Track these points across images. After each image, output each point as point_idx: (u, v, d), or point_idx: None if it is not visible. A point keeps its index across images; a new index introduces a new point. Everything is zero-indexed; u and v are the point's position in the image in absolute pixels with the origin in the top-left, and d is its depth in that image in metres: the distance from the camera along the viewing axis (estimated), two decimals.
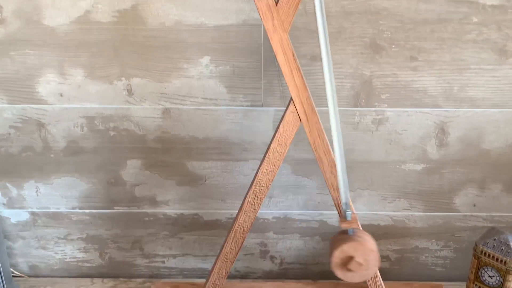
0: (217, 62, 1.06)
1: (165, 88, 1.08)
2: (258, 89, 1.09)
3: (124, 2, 1.00)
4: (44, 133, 1.12)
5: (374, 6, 1.01)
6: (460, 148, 1.13)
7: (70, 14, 1.01)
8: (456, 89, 1.08)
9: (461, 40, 1.04)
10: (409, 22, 1.02)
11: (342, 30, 1.03)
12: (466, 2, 1.00)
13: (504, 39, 1.03)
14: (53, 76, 1.07)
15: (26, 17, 1.01)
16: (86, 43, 1.04)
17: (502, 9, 1.01)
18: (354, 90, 1.09)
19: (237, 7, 1.01)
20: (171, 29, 1.03)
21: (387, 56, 1.06)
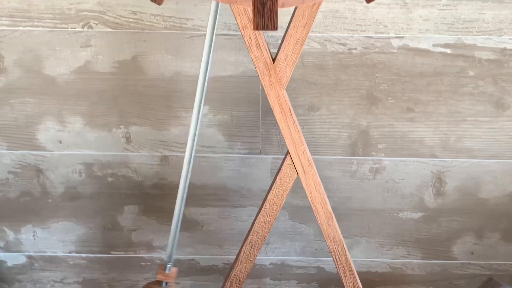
0: (215, 111, 1.07)
1: (164, 136, 1.09)
2: (256, 137, 1.10)
3: (124, 53, 1.02)
4: (42, 179, 1.12)
5: (370, 59, 1.02)
6: (458, 197, 1.14)
7: (70, 64, 1.03)
8: (453, 140, 1.09)
9: (458, 93, 1.05)
10: (405, 75, 1.04)
11: (339, 82, 1.05)
12: (462, 56, 1.02)
13: (500, 92, 1.04)
14: (53, 123, 1.08)
15: (27, 67, 1.03)
16: (86, 92, 1.05)
17: (498, 63, 1.02)
18: (351, 140, 1.09)
19: (236, 59, 1.03)
20: (170, 79, 1.04)
21: (383, 107, 1.06)
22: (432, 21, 0.99)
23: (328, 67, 1.03)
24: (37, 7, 0.98)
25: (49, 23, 0.99)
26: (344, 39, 1.01)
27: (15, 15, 0.99)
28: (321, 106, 1.07)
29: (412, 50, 1.01)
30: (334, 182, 1.13)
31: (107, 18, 0.99)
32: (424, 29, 1.00)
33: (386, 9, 0.98)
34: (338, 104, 1.07)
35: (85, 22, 0.99)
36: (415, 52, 1.02)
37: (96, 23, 0.99)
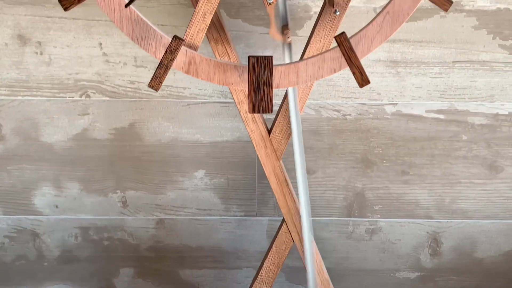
0: (211, 175, 1.08)
1: (160, 200, 1.10)
2: (252, 200, 1.10)
3: (121, 121, 1.03)
4: (38, 243, 1.12)
5: (364, 125, 1.04)
6: (454, 257, 1.14)
7: (68, 131, 1.04)
8: (448, 201, 1.10)
9: (451, 156, 1.06)
10: (399, 140, 1.05)
11: (334, 146, 1.06)
12: (455, 122, 1.03)
13: (494, 155, 1.06)
14: (49, 189, 1.08)
15: (24, 134, 1.04)
16: (83, 158, 1.06)
17: (491, 128, 1.03)
18: (347, 201, 1.10)
19: (232, 125, 1.04)
20: (167, 145, 1.05)
21: (378, 170, 1.07)
22: (425, 89, 1.01)
23: (323, 132, 1.05)
24: (36, 78, 0.99)
25: (47, 93, 1.00)
26: (339, 106, 1.03)
27: (14, 85, 1.00)
28: (317, 169, 1.08)
29: (405, 116, 1.03)
30: (331, 243, 1.13)
31: (105, 88, 1.00)
32: (417, 96, 1.01)
33: (380, 78, 1.00)
34: (333, 167, 1.08)
35: (83, 91, 1.00)
36: (408, 118, 1.03)
37: (94, 92, 1.00)
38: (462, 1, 0.94)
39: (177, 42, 0.68)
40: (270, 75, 0.70)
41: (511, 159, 1.06)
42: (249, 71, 0.70)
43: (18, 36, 0.96)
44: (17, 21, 0.95)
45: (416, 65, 0.99)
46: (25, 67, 0.98)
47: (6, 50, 0.97)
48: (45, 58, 0.98)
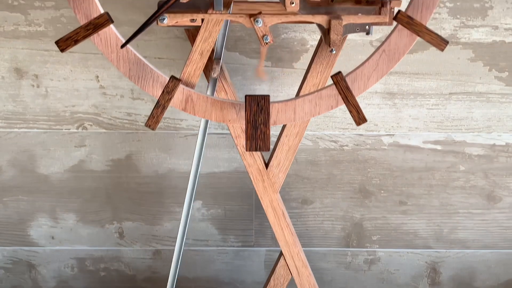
0: (208, 205, 1.07)
1: (157, 231, 1.09)
2: (249, 230, 1.10)
3: (118, 152, 1.03)
4: (34, 274, 1.11)
5: (361, 155, 1.04)
6: (453, 286, 1.13)
7: (64, 163, 1.03)
8: (446, 231, 1.09)
9: (449, 187, 1.06)
10: (397, 170, 1.05)
11: (332, 176, 1.05)
12: (452, 152, 1.03)
13: (491, 185, 1.05)
14: (45, 220, 1.07)
15: (20, 166, 1.03)
16: (79, 189, 1.05)
17: (488, 159, 1.03)
18: (345, 232, 1.09)
19: (229, 156, 1.04)
20: (164, 176, 1.05)
21: (376, 201, 1.07)
22: (422, 120, 1.01)
23: (321, 163, 1.04)
24: (32, 110, 0.99)
25: (44, 125, 1.00)
26: (336, 137, 1.03)
27: (11, 118, 1.00)
28: (315, 200, 1.07)
29: (402, 147, 1.03)
30: (329, 273, 1.12)
31: (101, 120, 1.00)
32: (414, 127, 1.01)
33: (376, 109, 1.00)
34: (331, 198, 1.07)
35: (80, 123, 1.00)
36: (405, 148, 1.03)
37: (91, 124, 1.00)
38: (458, 33, 0.95)
39: (174, 83, 0.68)
40: (267, 114, 0.70)
41: (508, 189, 1.06)
42: (246, 110, 0.70)
43: (15, 69, 0.96)
44: (14, 55, 0.95)
45: (413, 96, 0.99)
46: (21, 100, 0.98)
47: (2, 83, 0.97)
48: (42, 91, 0.98)
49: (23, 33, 0.93)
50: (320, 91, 0.72)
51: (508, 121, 1.01)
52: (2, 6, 0.91)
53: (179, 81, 0.69)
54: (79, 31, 0.65)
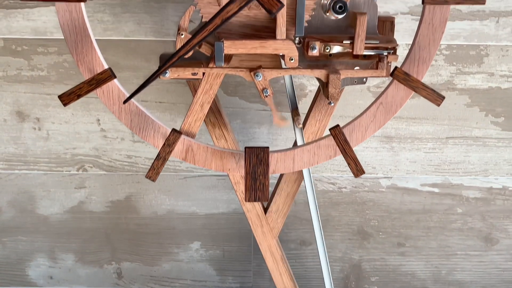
0: (207, 246, 1.08)
1: (155, 271, 1.09)
2: (248, 271, 1.10)
3: (117, 194, 1.03)
4: None
5: (360, 197, 1.04)
6: None
7: (64, 204, 1.04)
8: (444, 273, 1.09)
9: (447, 229, 1.06)
10: (395, 212, 1.05)
11: (330, 218, 1.06)
12: (450, 195, 1.04)
13: (488, 228, 1.06)
14: (44, 260, 1.07)
15: (20, 207, 1.04)
16: (78, 230, 1.05)
17: (485, 201, 1.04)
18: (343, 273, 1.10)
19: (228, 197, 1.04)
20: (163, 217, 1.05)
21: (375, 242, 1.07)
22: (419, 163, 1.02)
23: (319, 204, 1.05)
24: (33, 152, 1.00)
25: (44, 167, 1.01)
26: (334, 179, 1.03)
27: (11, 160, 1.00)
28: (313, 241, 1.08)
29: (400, 189, 1.04)
30: None
31: (102, 162, 1.01)
32: (411, 170, 1.02)
33: (374, 152, 1.01)
34: (329, 239, 1.07)
35: (80, 165, 1.01)
36: (403, 191, 1.04)
37: (91, 166, 1.01)
38: (455, 80, 0.96)
39: (175, 136, 0.69)
40: (266, 166, 0.71)
41: (506, 231, 1.06)
42: (246, 162, 0.71)
43: (17, 113, 0.97)
44: (17, 98, 0.96)
45: (410, 140, 1.00)
46: (23, 142, 0.99)
47: (4, 125, 0.98)
48: (43, 134, 0.99)
49: (25, 77, 0.95)
50: (318, 142, 0.73)
51: (504, 165, 1.02)
52: (6, 51, 0.93)
53: (180, 134, 0.70)
54: (82, 86, 0.66)
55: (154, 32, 0.92)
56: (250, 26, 0.69)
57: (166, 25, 0.91)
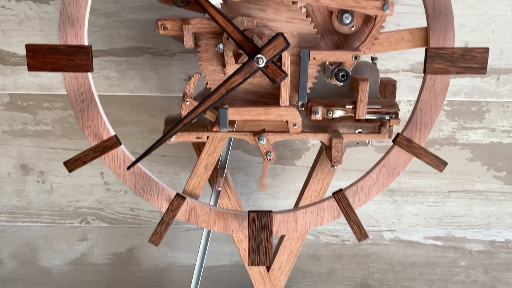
0: None
1: None
2: None
3: (120, 246, 1.03)
4: None
5: (363, 250, 1.04)
6: None
7: (66, 256, 1.03)
8: None
9: (450, 281, 1.06)
10: (398, 265, 1.05)
11: (333, 271, 1.05)
12: (453, 248, 1.03)
13: (492, 280, 1.05)
14: None
15: (22, 259, 1.03)
16: (80, 282, 1.05)
17: (488, 254, 1.04)
18: None
19: (230, 249, 1.04)
20: (164, 269, 1.05)
21: None
22: (422, 216, 1.02)
23: (322, 257, 1.05)
24: (36, 205, 1.00)
25: (47, 219, 1.01)
26: (337, 232, 1.03)
27: (15, 212, 1.01)
28: None
29: (403, 242, 1.03)
30: None
31: (104, 214, 1.01)
32: (414, 223, 1.02)
33: (377, 206, 1.01)
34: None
35: (83, 218, 1.01)
36: (406, 244, 1.03)
37: (94, 218, 1.01)
38: (456, 135, 0.97)
39: (178, 201, 0.70)
40: (269, 230, 0.71)
41: (509, 284, 1.06)
42: (249, 226, 0.71)
43: (21, 166, 0.98)
44: (21, 152, 0.97)
45: (413, 194, 1.00)
46: (26, 195, 0.99)
47: (8, 178, 0.98)
48: (47, 187, 0.99)
49: (30, 131, 0.95)
50: (322, 203, 0.73)
51: (507, 218, 1.02)
52: (12, 106, 0.94)
53: (184, 198, 0.70)
54: (88, 153, 0.67)
55: (159, 88, 0.93)
56: (254, 93, 0.70)
57: (171, 81, 0.93)
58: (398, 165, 0.72)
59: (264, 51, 0.62)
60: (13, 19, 0.89)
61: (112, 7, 0.89)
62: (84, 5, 0.64)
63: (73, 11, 0.64)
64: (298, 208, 0.74)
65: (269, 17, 0.66)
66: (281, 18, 0.66)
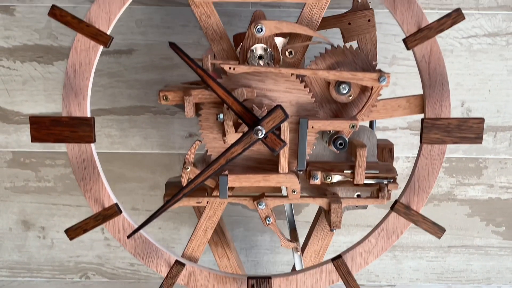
0: None
1: None
2: None
3: None
4: None
5: None
6: None
7: None
8: None
9: None
10: None
11: None
12: None
13: None
14: None
15: None
16: None
17: None
18: None
19: None
20: None
21: None
22: (422, 271, 1.02)
23: None
24: (37, 260, 1.00)
25: (47, 274, 1.01)
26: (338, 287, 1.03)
27: (15, 267, 1.01)
28: None
29: None
30: None
31: (105, 270, 1.01)
32: (414, 278, 1.02)
33: (377, 260, 1.01)
34: None
35: (83, 273, 1.01)
36: None
37: (94, 273, 1.01)
38: (455, 191, 0.97)
39: (178, 268, 0.70)
40: None
41: None
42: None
43: (22, 222, 0.98)
44: (23, 208, 0.98)
45: (413, 249, 1.01)
46: (27, 250, 1.00)
47: (10, 234, 0.99)
48: (48, 242, 0.99)
49: (32, 188, 0.96)
50: (321, 267, 0.74)
51: (507, 273, 1.02)
52: (14, 164, 0.95)
53: (183, 265, 0.71)
54: (89, 222, 0.68)
55: (160, 145, 0.94)
56: (253, 159, 0.71)
57: (172, 139, 0.94)
58: (397, 229, 0.73)
59: (263, 123, 0.63)
60: (18, 79, 0.91)
61: (114, 67, 0.90)
62: (87, 76, 0.66)
63: (77, 82, 0.66)
64: (297, 272, 0.75)
65: (268, 87, 0.67)
66: (280, 88, 0.68)
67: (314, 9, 0.67)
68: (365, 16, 0.75)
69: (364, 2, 0.75)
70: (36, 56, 0.90)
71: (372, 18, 0.75)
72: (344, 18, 0.76)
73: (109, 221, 0.70)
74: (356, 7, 0.75)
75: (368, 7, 0.75)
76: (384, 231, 0.73)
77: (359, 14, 0.75)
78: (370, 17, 0.75)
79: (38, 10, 0.88)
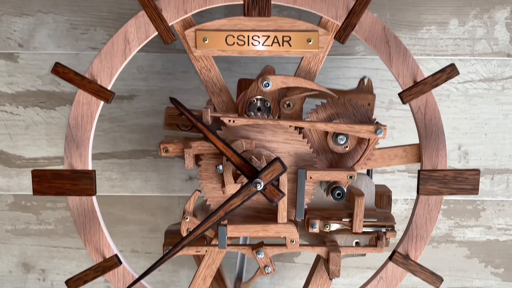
0: None
1: None
2: None
3: None
4: None
5: None
6: None
7: None
8: None
9: None
10: None
11: None
12: None
13: None
14: None
15: None
16: None
17: None
18: None
19: None
20: None
21: None
22: None
23: None
24: None
25: None
26: None
27: None
28: None
29: None
30: None
31: None
32: None
33: None
34: None
35: None
36: None
37: None
38: (453, 233, 0.98)
39: None
40: None
41: None
42: None
43: (22, 264, 0.99)
44: (23, 250, 0.98)
45: None
46: None
47: (9, 276, 0.99)
48: (47, 284, 0.99)
49: (33, 230, 0.97)
50: None
51: None
52: (16, 207, 0.96)
53: None
54: (89, 273, 0.68)
55: (160, 188, 0.95)
56: (252, 208, 0.71)
57: (172, 182, 0.95)
58: (395, 277, 0.73)
59: (262, 175, 0.64)
60: (20, 124, 0.92)
61: (116, 112, 0.92)
62: (88, 128, 0.67)
63: (78, 134, 0.67)
64: None
65: (267, 138, 0.69)
66: (278, 139, 0.69)
67: (311, 62, 0.69)
68: (366, 100, 0.77)
69: (369, 85, 0.77)
70: (38, 102, 0.91)
71: (372, 103, 0.77)
72: (346, 95, 0.77)
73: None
74: (360, 89, 0.77)
75: (371, 92, 0.77)
76: (383, 279, 0.73)
77: (361, 96, 0.77)
78: (371, 101, 0.77)
79: (41, 57, 0.89)
